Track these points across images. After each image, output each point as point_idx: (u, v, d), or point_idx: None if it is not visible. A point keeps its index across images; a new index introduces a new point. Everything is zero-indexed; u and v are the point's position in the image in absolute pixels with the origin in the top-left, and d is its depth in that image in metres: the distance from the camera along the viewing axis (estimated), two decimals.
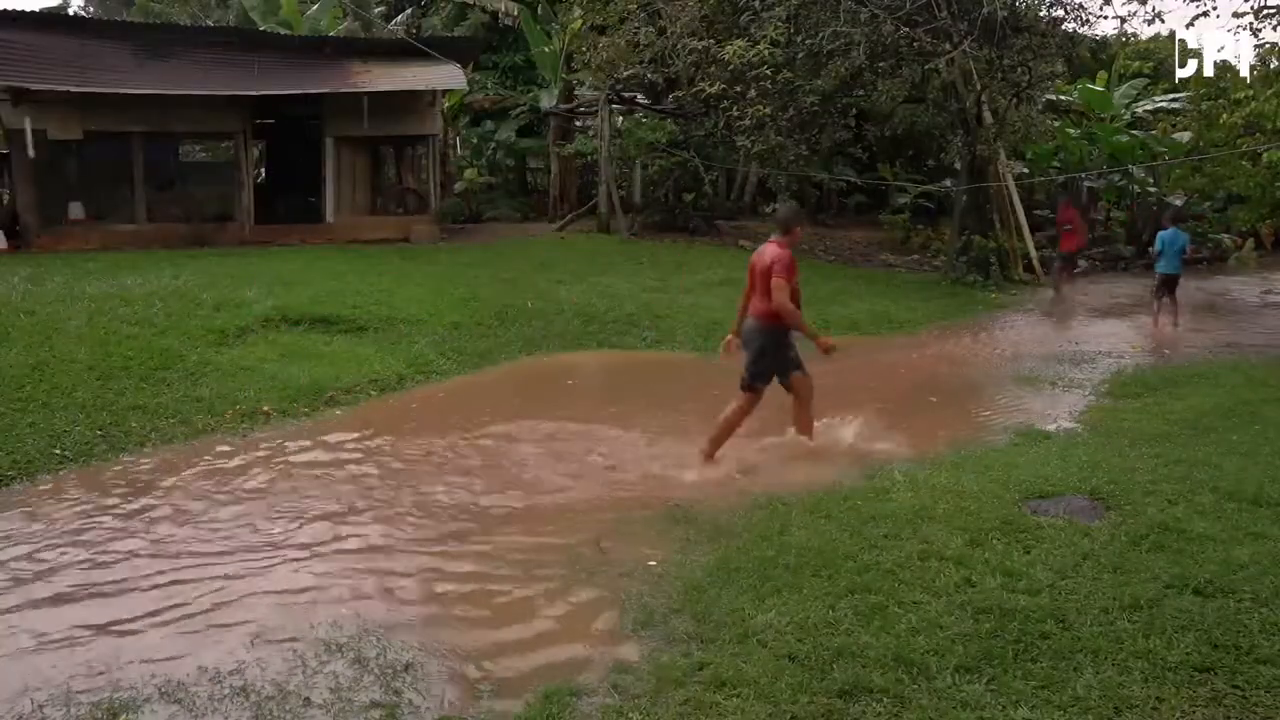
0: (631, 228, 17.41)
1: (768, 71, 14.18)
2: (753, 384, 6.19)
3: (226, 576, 4.43)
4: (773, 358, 6.18)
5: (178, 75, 15.11)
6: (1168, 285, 12.34)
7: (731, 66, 14.46)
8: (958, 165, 15.81)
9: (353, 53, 17.05)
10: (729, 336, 6.49)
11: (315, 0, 22.31)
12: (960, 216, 15.87)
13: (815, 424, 6.44)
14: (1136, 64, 24.02)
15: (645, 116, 19.17)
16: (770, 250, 6.18)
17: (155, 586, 4.33)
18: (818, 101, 15.02)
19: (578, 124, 20.77)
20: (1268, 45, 14.58)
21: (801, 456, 6.20)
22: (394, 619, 4.00)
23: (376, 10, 22.44)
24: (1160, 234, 12.88)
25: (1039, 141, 19.05)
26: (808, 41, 14.18)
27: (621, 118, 19.54)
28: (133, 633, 3.91)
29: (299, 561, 4.64)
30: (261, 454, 6.29)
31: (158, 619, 4.01)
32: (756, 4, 14.69)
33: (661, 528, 4.92)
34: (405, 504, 5.44)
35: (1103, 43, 20.56)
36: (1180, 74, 17.44)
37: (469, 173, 21.03)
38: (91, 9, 31.25)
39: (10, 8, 16.22)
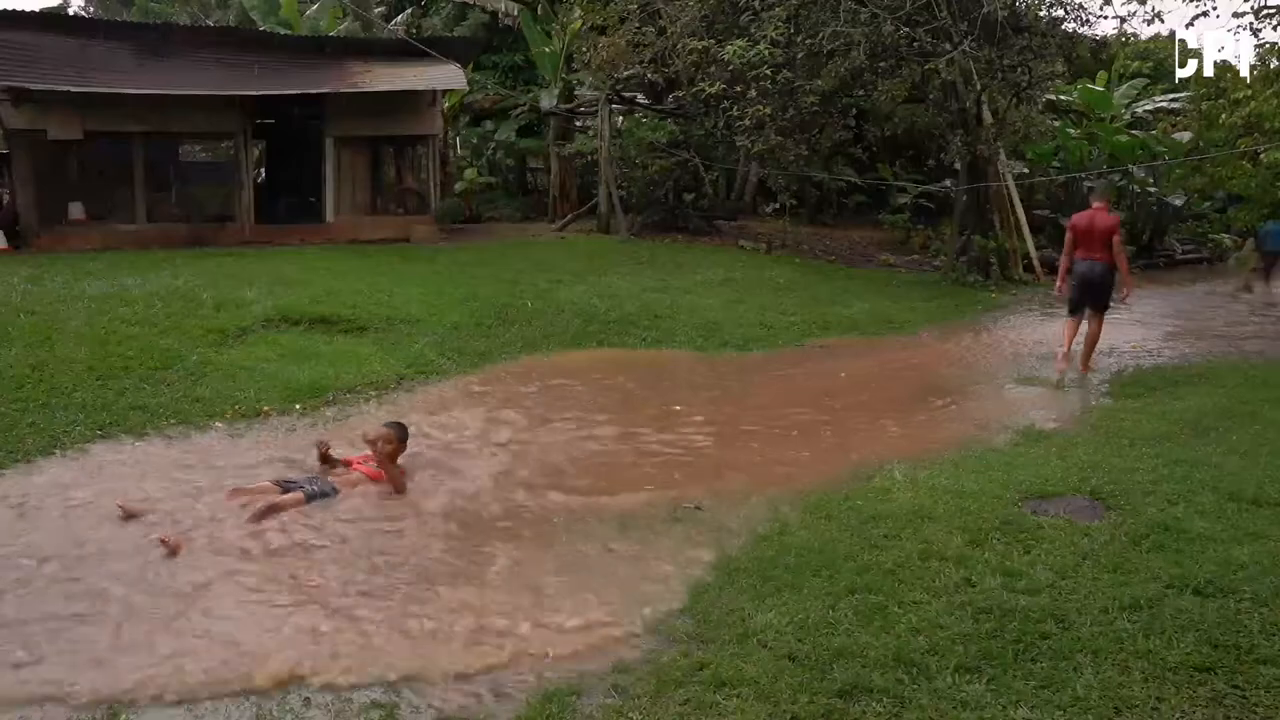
0: (631, 228, 17.40)
1: (768, 71, 14.17)
2: (1105, 308, 8.91)
3: (226, 573, 4.44)
4: (1110, 291, 8.86)
5: (178, 75, 15.10)
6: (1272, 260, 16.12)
7: (731, 66, 14.46)
8: (957, 165, 15.81)
9: (353, 53, 17.05)
10: (1059, 282, 9.30)
11: (315, 0, 22.32)
12: (960, 216, 15.87)
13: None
14: (1136, 64, 24.02)
15: (645, 116, 19.17)
16: (1105, 217, 8.97)
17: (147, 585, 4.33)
18: (818, 101, 15.01)
19: (578, 124, 20.77)
20: (1268, 45, 14.57)
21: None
22: (393, 619, 3.99)
23: (376, 10, 22.44)
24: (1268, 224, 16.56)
25: (1039, 141, 19.05)
26: (808, 41, 14.17)
27: (621, 118, 19.54)
28: (130, 631, 3.90)
29: (297, 561, 4.64)
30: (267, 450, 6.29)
31: (153, 618, 4.01)
32: (756, 4, 14.69)
33: (662, 527, 4.92)
34: (405, 502, 5.43)
35: (1103, 43, 20.54)
36: (1180, 74, 17.47)
37: (469, 173, 21.02)
38: (91, 9, 31.24)
39: (10, 8, 16.24)
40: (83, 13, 29.74)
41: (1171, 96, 22.79)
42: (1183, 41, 15.96)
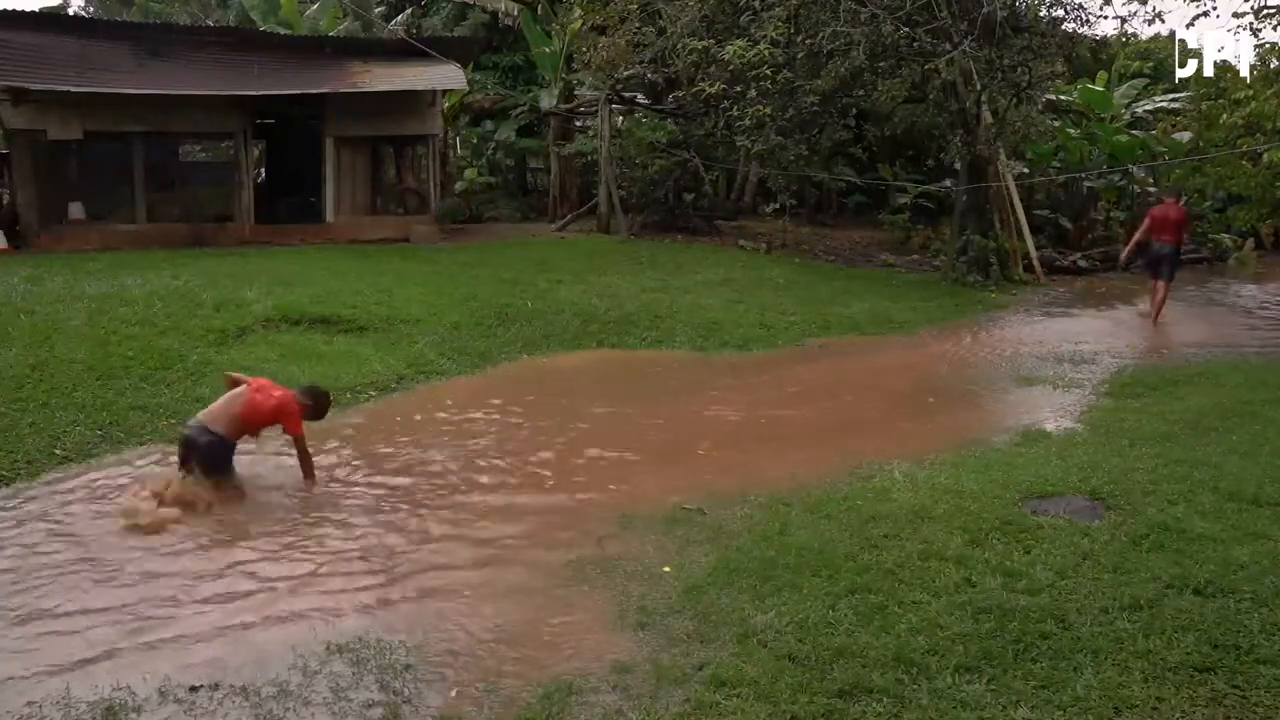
0: (631, 228, 17.40)
1: (768, 71, 14.17)
2: (1172, 278, 12.05)
3: (227, 572, 4.44)
4: (1177, 265, 12.28)
5: (178, 75, 15.10)
6: None
7: (731, 66, 14.45)
8: (958, 165, 15.79)
9: (353, 53, 17.03)
10: (1125, 253, 13.08)
11: (315, 0, 22.32)
12: (960, 216, 15.85)
13: None
14: (1136, 64, 24.02)
15: (645, 116, 19.17)
16: (1176, 210, 12.21)
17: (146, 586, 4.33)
18: (818, 101, 14.99)
19: (578, 124, 20.76)
20: (1268, 45, 14.58)
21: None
22: (393, 619, 4.00)
23: (376, 10, 22.44)
24: None
25: (1039, 141, 19.02)
26: (808, 41, 14.17)
27: (621, 118, 19.53)
28: (131, 631, 3.90)
29: (299, 561, 4.64)
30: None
31: (156, 617, 4.01)
32: (756, 4, 14.69)
33: (662, 528, 4.92)
34: (405, 502, 5.44)
35: (1103, 43, 20.53)
36: (1180, 74, 17.48)
37: (469, 173, 21.01)
38: (91, 9, 31.22)
39: (10, 8, 16.23)
40: (83, 13, 29.71)
41: (1171, 96, 22.77)
42: (1183, 41, 15.99)
